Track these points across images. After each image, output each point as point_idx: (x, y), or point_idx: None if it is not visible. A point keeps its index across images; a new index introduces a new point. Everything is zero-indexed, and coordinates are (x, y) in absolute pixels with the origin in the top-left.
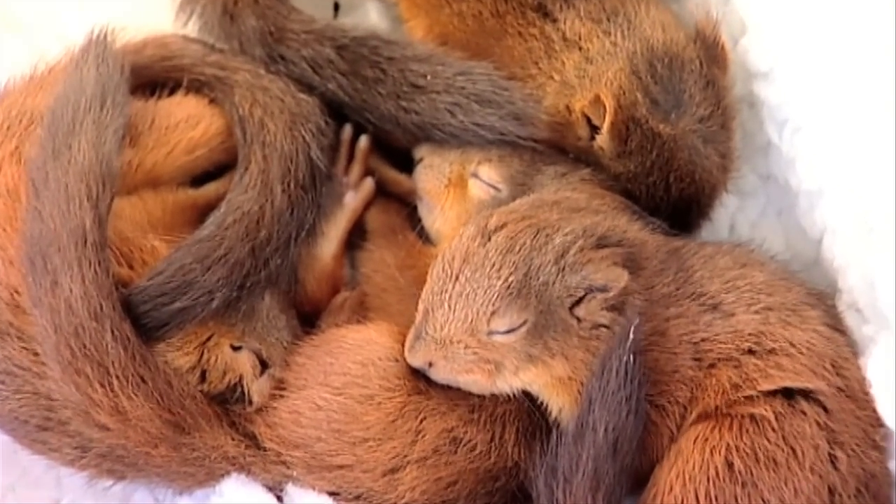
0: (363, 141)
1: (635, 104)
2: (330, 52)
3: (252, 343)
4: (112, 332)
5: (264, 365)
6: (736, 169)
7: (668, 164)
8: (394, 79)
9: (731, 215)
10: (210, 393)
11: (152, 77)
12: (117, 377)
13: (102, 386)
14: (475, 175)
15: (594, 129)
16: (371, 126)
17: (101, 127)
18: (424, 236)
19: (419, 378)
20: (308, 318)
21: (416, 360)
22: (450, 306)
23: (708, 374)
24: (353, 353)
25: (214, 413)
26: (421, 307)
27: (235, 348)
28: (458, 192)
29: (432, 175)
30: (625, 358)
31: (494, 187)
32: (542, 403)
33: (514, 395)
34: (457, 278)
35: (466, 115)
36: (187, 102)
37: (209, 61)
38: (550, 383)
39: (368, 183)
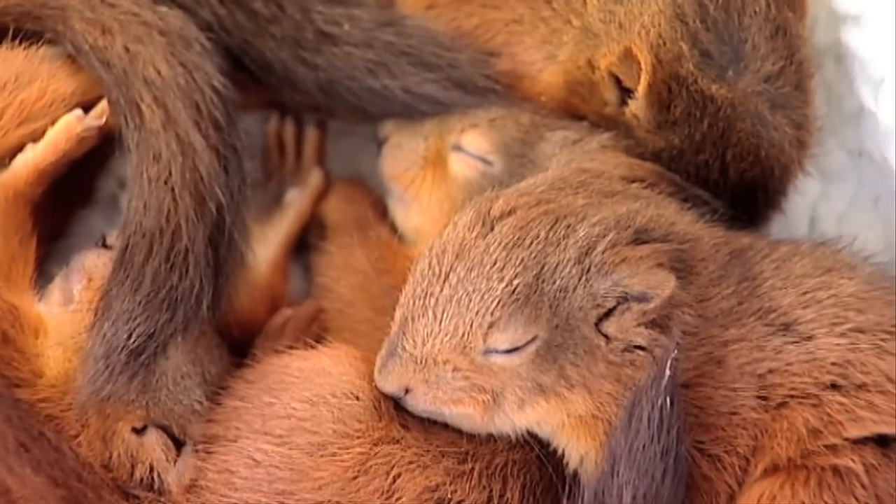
0: (312, 131)
1: (680, 58)
2: None
3: (158, 419)
4: None
5: (178, 443)
6: (816, 143)
7: (725, 137)
8: (294, 21)
9: (812, 205)
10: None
11: None
12: None
13: None
14: (458, 147)
15: (625, 93)
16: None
17: None
18: (401, 235)
19: (391, 421)
20: (240, 348)
21: (389, 385)
22: (435, 315)
23: (777, 417)
24: (299, 388)
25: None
26: (398, 315)
27: (138, 431)
28: (437, 174)
29: (402, 157)
30: (660, 400)
31: (484, 160)
32: (555, 451)
33: (519, 439)
34: (446, 278)
35: (393, 77)
36: (14, 57)
37: None
38: (567, 423)
39: (316, 175)
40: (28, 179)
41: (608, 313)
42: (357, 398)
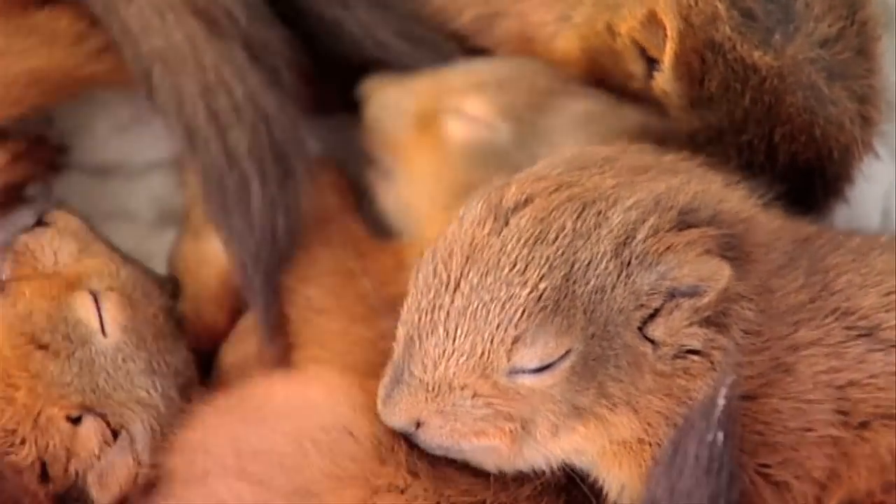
0: None
1: (715, 20)
2: None
3: (95, 406)
4: None
5: (117, 436)
6: (885, 120)
7: (772, 114)
8: None
9: (884, 194)
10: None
11: None
12: None
13: None
14: (459, 111)
15: (652, 63)
16: None
17: None
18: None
19: (396, 465)
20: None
21: (396, 418)
22: (447, 331)
23: (858, 439)
24: (282, 419)
25: None
26: (401, 334)
27: (74, 420)
28: (431, 140)
29: (388, 118)
30: (710, 436)
31: (489, 126)
32: (594, 483)
33: (554, 476)
34: (457, 287)
35: (346, 7)
36: None
37: None
38: (609, 450)
39: None
40: None
41: (654, 314)
42: (352, 435)
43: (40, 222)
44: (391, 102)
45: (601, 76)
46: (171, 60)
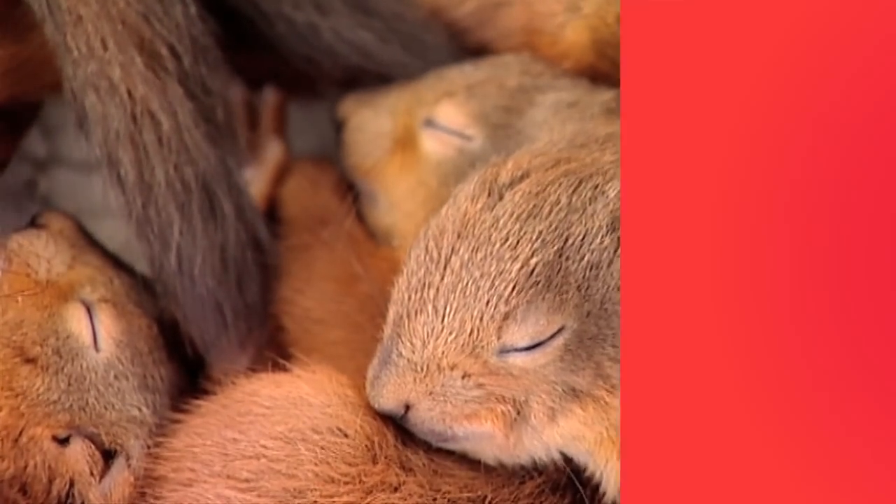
0: (270, 96)
1: None
2: None
3: (85, 426)
4: None
5: (109, 456)
6: None
7: None
8: None
9: None
10: None
11: None
12: None
13: None
14: (430, 122)
15: None
16: None
17: None
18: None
19: (389, 464)
20: (192, 367)
21: (385, 400)
22: (437, 309)
23: None
24: (271, 421)
25: None
26: (391, 314)
27: (61, 441)
28: (408, 157)
29: (366, 142)
30: None
31: (461, 135)
32: (588, 477)
33: (557, 474)
34: (447, 263)
35: (322, 14)
36: None
37: None
38: (606, 437)
39: (275, 147)
40: None
41: None
42: (346, 435)
43: (34, 223)
44: (366, 125)
45: (610, 71)
46: (102, 88)
